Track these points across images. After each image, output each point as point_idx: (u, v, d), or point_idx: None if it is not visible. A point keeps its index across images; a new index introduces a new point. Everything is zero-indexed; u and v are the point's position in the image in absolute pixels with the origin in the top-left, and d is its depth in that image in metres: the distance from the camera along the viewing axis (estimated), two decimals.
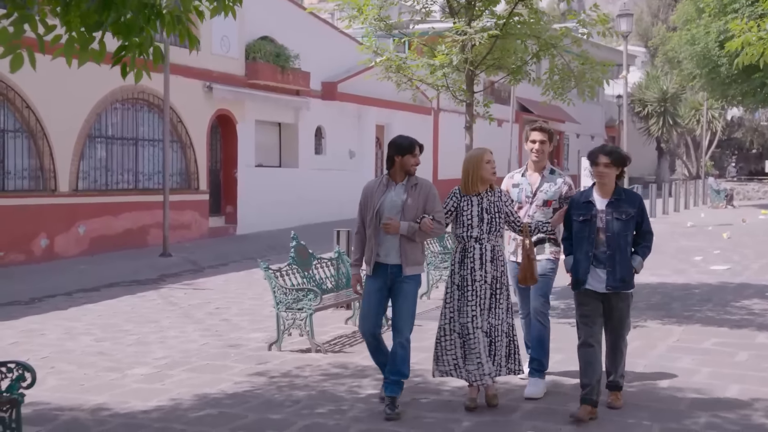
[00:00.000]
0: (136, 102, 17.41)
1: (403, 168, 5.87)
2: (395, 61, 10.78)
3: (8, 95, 14.46)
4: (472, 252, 5.85)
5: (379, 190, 5.91)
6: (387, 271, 5.81)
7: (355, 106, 24.13)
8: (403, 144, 5.88)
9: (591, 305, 5.70)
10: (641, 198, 5.65)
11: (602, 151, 5.68)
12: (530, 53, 10.58)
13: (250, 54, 20.13)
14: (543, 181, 6.41)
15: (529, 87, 11.91)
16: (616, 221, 5.58)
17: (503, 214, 5.93)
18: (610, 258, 5.58)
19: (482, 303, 5.81)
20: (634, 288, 5.74)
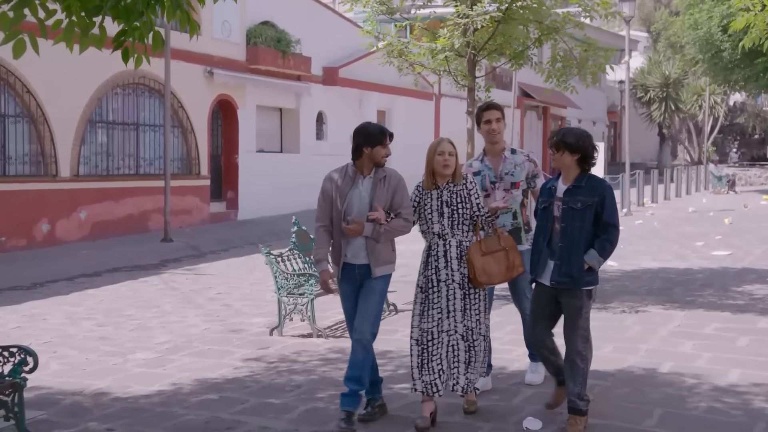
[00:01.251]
0: (137, 87, 17.37)
1: (372, 160, 5.28)
2: (397, 46, 10.75)
3: (9, 80, 14.43)
4: (436, 249, 5.34)
5: (345, 184, 5.31)
6: (355, 271, 5.30)
7: (356, 91, 24.07)
8: (373, 133, 5.27)
9: (541, 301, 5.23)
10: (608, 187, 5.08)
11: (556, 136, 5.18)
12: (532, 38, 10.54)
13: (251, 39, 20.06)
14: (506, 162, 5.96)
15: (531, 72, 11.87)
16: (570, 210, 5.02)
17: (468, 206, 5.36)
18: (561, 250, 5.04)
19: (452, 305, 5.28)
20: (591, 286, 5.06)
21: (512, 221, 5.88)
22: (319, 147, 22.95)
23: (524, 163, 5.95)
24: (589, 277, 5.04)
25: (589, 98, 37.94)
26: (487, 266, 5.28)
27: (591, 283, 5.08)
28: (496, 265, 5.33)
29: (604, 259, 5.02)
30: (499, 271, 5.34)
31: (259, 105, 20.82)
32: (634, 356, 7.02)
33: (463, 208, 5.33)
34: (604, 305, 9.28)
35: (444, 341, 5.28)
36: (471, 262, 5.25)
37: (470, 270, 5.26)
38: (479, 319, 5.37)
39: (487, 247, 5.31)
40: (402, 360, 6.78)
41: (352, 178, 5.32)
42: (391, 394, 5.86)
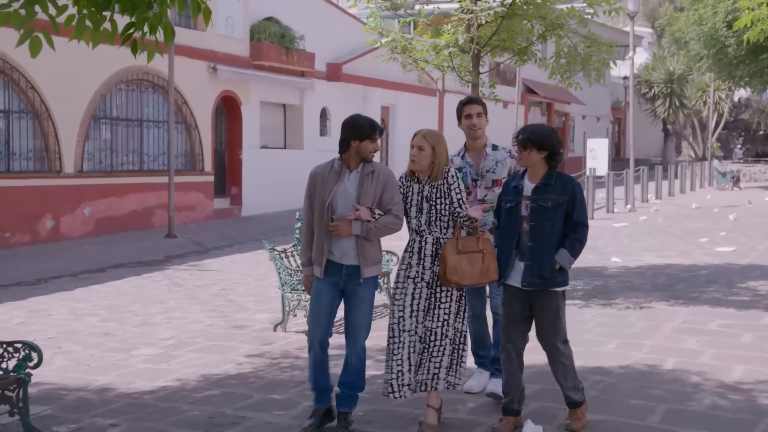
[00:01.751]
0: (141, 83, 17.38)
1: (360, 154, 5.01)
2: (401, 42, 10.73)
3: (13, 76, 14.44)
4: (411, 246, 5.14)
5: (331, 178, 5.05)
6: (341, 271, 5.02)
7: (360, 87, 24.06)
8: (362, 127, 5.01)
9: (513, 305, 5.02)
10: (576, 184, 4.93)
11: (522, 134, 4.96)
12: (536, 34, 10.52)
13: (254, 35, 20.06)
14: (487, 159, 5.74)
15: (535, 68, 11.85)
16: (540, 209, 4.86)
17: (448, 201, 5.08)
18: (531, 250, 4.87)
19: (416, 304, 5.05)
20: (564, 287, 4.97)
21: (493, 220, 5.52)
22: (323, 143, 22.94)
23: (506, 159, 5.73)
24: (561, 277, 4.92)
25: (594, 94, 37.96)
26: (459, 266, 4.96)
27: (563, 283, 4.96)
28: (469, 266, 4.99)
29: (574, 258, 4.90)
30: (471, 272, 4.99)
31: (262, 101, 20.82)
32: (638, 352, 7.01)
33: (442, 203, 5.07)
34: (609, 301, 9.28)
35: (405, 341, 5.05)
36: (444, 258, 4.97)
37: (441, 267, 4.98)
38: (446, 321, 5.06)
39: (464, 246, 5.02)
40: None
41: (337, 173, 5.06)
42: None
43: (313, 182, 5.12)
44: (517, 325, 5.04)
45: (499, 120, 28.45)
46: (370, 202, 4.97)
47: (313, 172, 5.15)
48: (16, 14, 4.08)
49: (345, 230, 4.95)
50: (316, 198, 5.06)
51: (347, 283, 5.04)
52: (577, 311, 8.76)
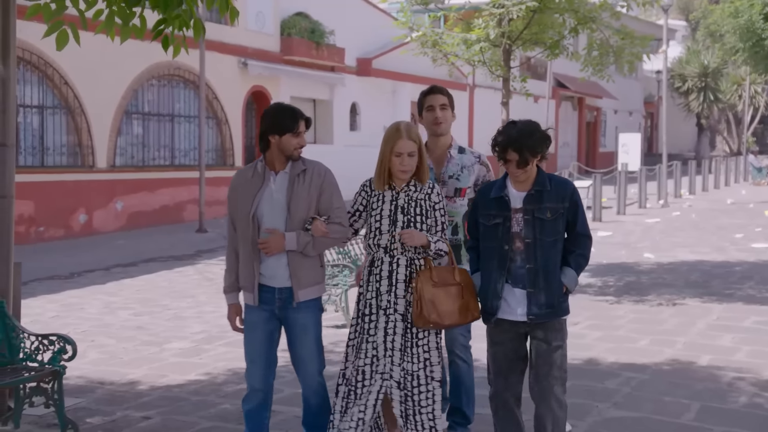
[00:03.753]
0: (172, 78, 17.50)
1: (283, 152, 4.16)
2: (431, 37, 10.69)
3: (47, 72, 14.61)
4: (380, 267, 4.17)
5: (253, 183, 4.18)
6: (274, 296, 4.18)
7: (389, 82, 24.03)
8: (281, 118, 4.16)
9: (507, 344, 4.07)
10: (574, 187, 4.04)
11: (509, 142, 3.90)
12: (568, 28, 10.44)
13: (285, 30, 20.12)
14: (451, 162, 4.71)
15: (566, 62, 11.77)
16: (538, 222, 3.93)
17: (431, 221, 4.20)
18: (531, 274, 3.93)
19: (390, 341, 4.12)
20: (567, 314, 4.07)
21: (450, 236, 4.62)
22: (353, 138, 22.97)
23: (473, 165, 4.71)
24: (565, 302, 4.03)
25: (626, 88, 37.59)
26: (438, 300, 4.08)
27: (567, 310, 4.07)
28: (448, 302, 4.10)
29: (578, 278, 4.08)
30: (451, 309, 4.10)
31: (292, 96, 20.87)
32: (671, 349, 6.93)
33: (422, 222, 4.17)
34: (641, 298, 9.19)
35: (375, 386, 4.13)
36: (419, 292, 4.07)
37: (416, 304, 4.06)
38: (428, 360, 4.17)
39: (440, 277, 4.12)
40: None
41: (261, 176, 4.20)
42: None
43: (234, 191, 4.26)
44: (516, 367, 4.10)
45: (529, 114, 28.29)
46: (305, 210, 4.14)
47: (234, 179, 4.31)
48: (46, 7, 4.12)
49: (277, 246, 4.08)
50: (240, 209, 4.20)
51: (283, 309, 4.20)
52: (609, 307, 8.68)
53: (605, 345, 7.07)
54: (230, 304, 4.33)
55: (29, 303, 8.77)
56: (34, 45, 13.48)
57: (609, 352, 6.85)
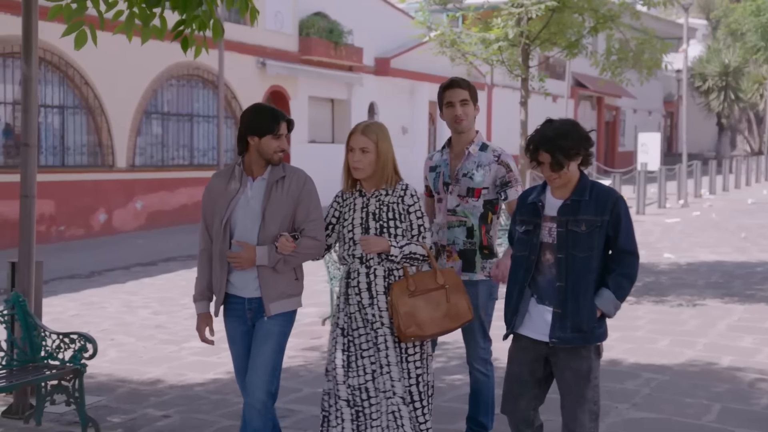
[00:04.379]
0: (191, 78, 17.58)
1: (262, 155, 3.88)
2: (449, 36, 10.69)
3: (68, 72, 14.72)
4: (357, 279, 3.90)
5: (229, 189, 3.92)
6: (244, 307, 3.94)
7: (408, 81, 24.03)
8: (261, 118, 3.88)
9: (524, 363, 3.68)
10: (618, 198, 3.60)
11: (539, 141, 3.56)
12: (587, 27, 10.40)
13: (303, 30, 20.16)
14: (468, 160, 4.43)
15: (585, 61, 11.72)
16: (571, 235, 3.54)
17: (406, 225, 3.90)
18: (560, 293, 3.55)
19: (384, 357, 3.85)
20: (602, 340, 3.65)
21: (465, 239, 4.37)
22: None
23: (491, 164, 4.39)
24: (601, 328, 3.61)
25: (645, 88, 37.25)
26: (416, 311, 3.77)
27: (603, 335, 3.64)
28: (429, 310, 3.80)
29: (621, 302, 3.59)
30: (434, 317, 3.80)
31: (311, 96, 20.92)
32: (691, 350, 6.88)
33: (395, 226, 3.88)
34: (661, 298, 9.13)
35: (383, 406, 3.85)
36: (394, 306, 3.78)
37: (394, 318, 3.79)
38: (420, 376, 3.89)
39: (418, 284, 3.83)
40: (449, 349, 6.73)
41: (238, 181, 3.93)
42: (443, 386, 5.83)
43: (208, 194, 4.01)
44: (528, 388, 3.71)
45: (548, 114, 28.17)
46: (280, 219, 3.86)
47: (210, 183, 4.04)
48: (67, 8, 4.15)
49: (248, 260, 3.82)
50: (215, 215, 3.94)
51: (254, 320, 3.94)
52: (628, 308, 8.63)
53: (624, 346, 7.04)
54: (200, 313, 4.06)
55: (50, 301, 8.85)
56: (55, 45, 13.59)
57: (628, 352, 6.82)
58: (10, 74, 13.65)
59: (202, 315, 4.07)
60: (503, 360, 4.78)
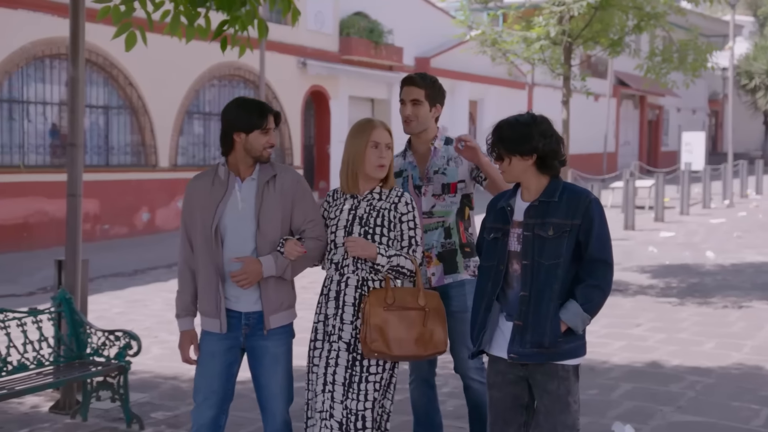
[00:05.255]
0: (233, 78, 17.73)
1: (250, 153, 3.54)
2: (490, 35, 10.64)
3: (112, 73, 14.94)
4: (328, 287, 3.60)
5: (215, 192, 3.56)
6: (240, 322, 3.58)
7: (448, 81, 23.91)
8: (247, 112, 3.55)
9: (504, 388, 3.33)
10: (591, 200, 3.22)
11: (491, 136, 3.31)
12: (630, 25, 10.28)
13: (344, 30, 20.22)
14: (436, 156, 4.08)
15: (628, 60, 11.59)
16: (537, 240, 3.20)
17: (393, 235, 3.58)
18: (523, 303, 3.21)
19: (330, 374, 3.51)
20: (576, 358, 3.24)
21: (443, 240, 4.03)
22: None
23: (461, 156, 4.03)
24: (570, 344, 3.21)
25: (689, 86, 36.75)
26: (388, 327, 3.45)
27: (575, 352, 3.23)
28: (401, 329, 3.47)
29: (591, 316, 3.20)
30: (404, 337, 3.47)
31: (351, 95, 20.97)
32: (738, 353, 6.76)
33: (382, 234, 3.55)
34: (705, 300, 8.99)
35: (315, 429, 3.55)
36: (366, 315, 3.46)
37: (362, 328, 3.46)
38: (377, 401, 3.50)
39: (397, 298, 3.51)
40: None
41: (224, 183, 3.57)
42: None
43: (189, 200, 3.63)
44: (514, 417, 3.33)
45: (589, 113, 27.97)
46: (277, 222, 3.53)
47: (190, 186, 3.66)
48: (116, 9, 4.21)
49: (254, 274, 3.47)
50: (197, 222, 3.57)
51: (250, 336, 3.60)
52: (672, 309, 8.52)
53: (668, 348, 6.94)
54: (183, 330, 3.63)
55: (95, 299, 8.97)
56: (100, 47, 13.79)
57: (672, 355, 6.72)
58: (57, 75, 13.89)
59: (187, 332, 3.64)
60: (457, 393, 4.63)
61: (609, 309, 8.39)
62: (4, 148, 13.14)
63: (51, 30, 13.12)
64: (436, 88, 4.16)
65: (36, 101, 13.64)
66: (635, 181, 16.98)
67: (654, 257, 12.04)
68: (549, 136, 3.24)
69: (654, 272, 10.78)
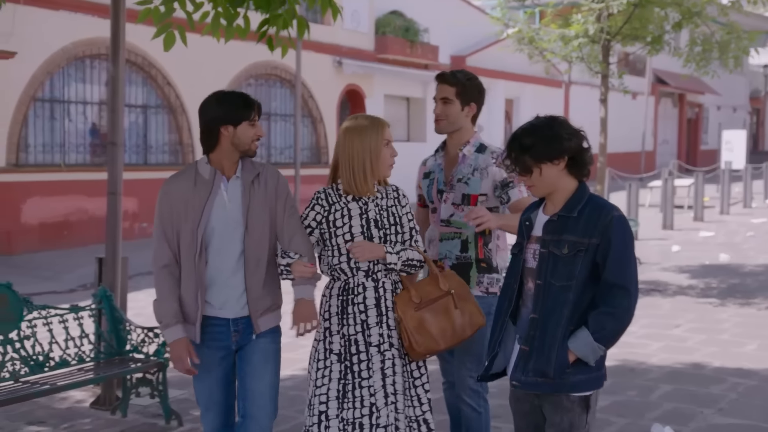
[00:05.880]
0: (269, 78, 17.83)
1: (238, 147, 3.36)
2: (528, 33, 10.58)
3: (151, 72, 15.10)
4: (363, 295, 3.42)
5: (198, 192, 3.34)
6: (229, 330, 3.40)
7: (483, 79, 23.45)
8: (234, 104, 3.37)
9: (525, 418, 3.12)
10: (614, 218, 2.91)
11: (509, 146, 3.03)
12: (671, 22, 10.15)
13: (379, 29, 20.23)
14: (464, 163, 3.86)
15: (666, 58, 11.46)
16: (551, 259, 2.94)
17: (402, 230, 3.49)
18: (531, 327, 2.97)
19: (390, 384, 3.35)
20: (585, 392, 2.95)
21: (458, 253, 3.82)
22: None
23: (488, 167, 3.80)
24: (578, 376, 2.92)
25: (730, 84, 36.23)
26: (427, 325, 3.39)
27: (586, 386, 2.95)
28: (439, 321, 3.41)
29: (604, 346, 2.90)
30: (445, 327, 3.41)
31: (386, 94, 20.97)
32: None
33: (396, 232, 3.46)
34: (747, 301, 8.85)
35: None
36: (401, 322, 3.38)
37: (403, 337, 3.38)
38: (429, 399, 3.47)
39: (422, 294, 3.43)
40: None
41: (208, 183, 3.35)
42: None
43: (168, 201, 3.37)
44: None
45: (627, 112, 27.69)
46: (266, 224, 3.39)
47: (166, 189, 3.39)
48: (156, 10, 4.25)
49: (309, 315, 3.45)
50: (179, 227, 3.34)
51: (239, 342, 3.43)
52: (713, 310, 8.40)
53: (709, 349, 6.84)
54: (176, 339, 3.33)
55: (134, 296, 9.06)
56: (138, 46, 13.94)
57: (713, 356, 6.62)
58: (97, 75, 14.07)
59: (180, 341, 3.33)
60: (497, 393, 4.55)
61: (648, 309, 8.31)
62: (45, 147, 13.34)
63: (91, 31, 13.29)
64: (471, 85, 3.94)
65: (76, 101, 13.83)
66: (674, 180, 16.76)
67: (692, 258, 11.89)
68: (574, 132, 2.98)
69: (693, 272, 10.64)
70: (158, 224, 3.38)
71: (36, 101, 13.01)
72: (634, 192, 14.58)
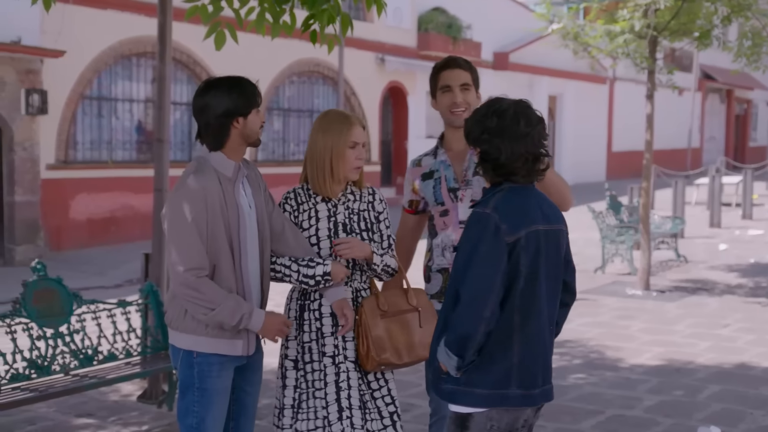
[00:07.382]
0: (312, 75, 17.91)
1: (248, 138, 3.13)
2: (572, 29, 10.46)
3: (195, 70, 15.26)
4: (318, 302, 3.24)
5: (228, 191, 3.09)
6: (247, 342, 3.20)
7: (526, 76, 23.70)
8: (247, 91, 3.12)
9: None
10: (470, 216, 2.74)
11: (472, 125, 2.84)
12: (720, 16, 9.95)
13: (422, 25, 20.21)
14: (474, 155, 3.19)
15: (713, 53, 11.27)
16: None
17: (376, 236, 3.32)
18: None
19: (345, 398, 3.14)
20: (454, 402, 2.71)
21: None
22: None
23: None
24: (448, 385, 2.69)
25: None
26: (393, 336, 3.18)
27: (461, 399, 2.67)
28: (405, 335, 3.20)
29: (455, 354, 2.61)
30: (410, 342, 3.20)
31: (428, 91, 20.91)
32: None
33: (369, 238, 3.29)
34: None
35: None
36: (365, 328, 3.16)
37: (361, 342, 3.17)
38: (394, 413, 3.26)
39: (390, 304, 3.23)
40: (573, 348, 6.57)
41: (231, 180, 3.11)
42: (566, 385, 5.71)
43: (206, 201, 3.02)
44: None
45: (673, 108, 27.27)
46: (267, 218, 3.21)
47: (198, 184, 3.02)
48: (203, 9, 4.29)
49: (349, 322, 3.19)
50: (214, 229, 3.03)
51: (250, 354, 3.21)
52: (762, 309, 8.25)
53: (759, 349, 6.71)
54: (266, 319, 3.09)
55: None
56: (183, 44, 14.10)
57: (763, 356, 6.50)
58: (143, 73, 14.26)
59: (269, 317, 3.11)
60: None
61: (694, 308, 8.20)
62: (93, 144, 13.57)
63: (138, 29, 13.47)
64: (476, 73, 3.74)
65: (123, 99, 14.04)
66: (721, 177, 16.47)
67: (738, 256, 11.68)
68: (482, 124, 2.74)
69: (742, 271, 10.45)
70: (190, 227, 2.98)
71: (84, 99, 13.24)
72: (680, 189, 14.37)
